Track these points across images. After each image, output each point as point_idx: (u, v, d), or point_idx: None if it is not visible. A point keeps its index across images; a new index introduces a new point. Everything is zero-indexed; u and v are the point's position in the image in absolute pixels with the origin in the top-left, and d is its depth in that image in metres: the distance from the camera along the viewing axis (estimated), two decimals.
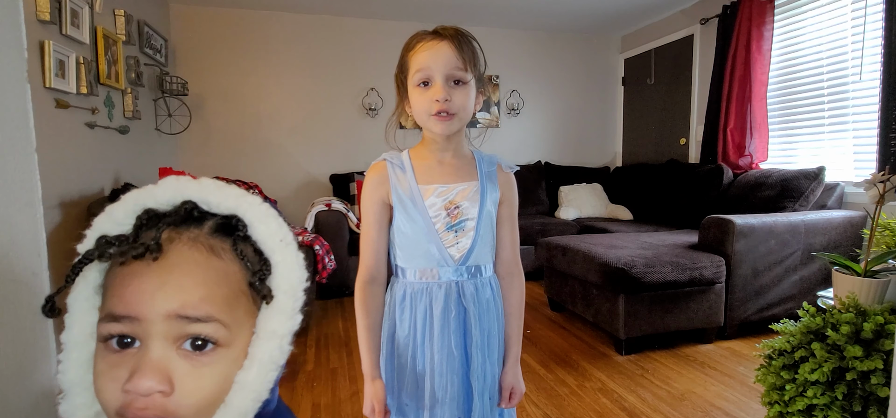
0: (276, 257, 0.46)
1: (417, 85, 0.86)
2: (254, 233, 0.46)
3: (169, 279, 0.41)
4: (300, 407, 1.87)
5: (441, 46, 0.84)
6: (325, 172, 4.10)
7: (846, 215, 2.53)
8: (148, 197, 0.45)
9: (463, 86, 0.86)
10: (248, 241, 0.46)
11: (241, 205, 0.46)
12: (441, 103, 0.84)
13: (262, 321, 0.45)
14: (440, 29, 0.87)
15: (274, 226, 0.46)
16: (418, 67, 0.85)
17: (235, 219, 0.45)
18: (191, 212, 0.45)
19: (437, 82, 0.84)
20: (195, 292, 0.41)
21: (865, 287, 1.35)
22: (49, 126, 2.09)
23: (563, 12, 4.05)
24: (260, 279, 0.44)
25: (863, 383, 1.17)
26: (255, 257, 0.45)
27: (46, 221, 2.00)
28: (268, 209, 0.47)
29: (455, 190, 0.90)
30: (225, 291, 0.43)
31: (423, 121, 0.88)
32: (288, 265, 0.46)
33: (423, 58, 0.85)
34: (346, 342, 2.53)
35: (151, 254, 0.41)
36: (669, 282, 2.21)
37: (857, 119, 2.69)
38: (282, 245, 0.46)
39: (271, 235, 0.46)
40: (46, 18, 2.01)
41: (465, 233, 0.90)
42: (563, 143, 4.75)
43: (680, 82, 4.03)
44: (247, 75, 3.89)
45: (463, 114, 0.87)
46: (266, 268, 0.45)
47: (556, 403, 1.86)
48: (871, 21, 2.54)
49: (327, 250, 2.81)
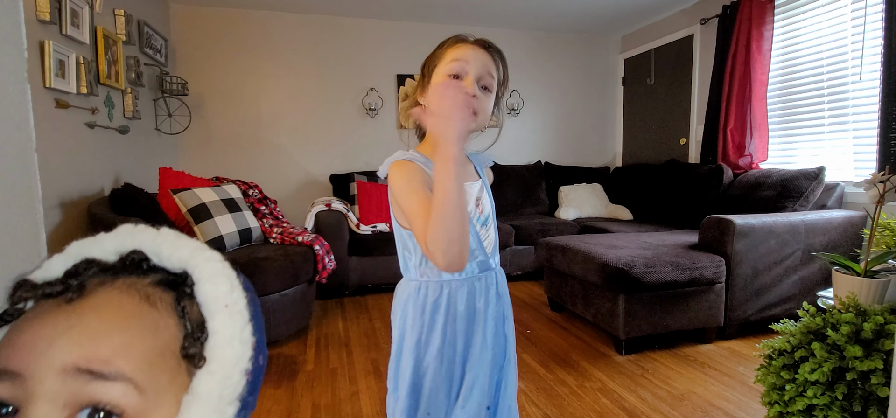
0: (215, 323, 0.38)
1: (447, 74, 0.87)
2: (199, 293, 0.39)
3: (80, 322, 0.33)
4: (300, 407, 1.87)
5: (484, 53, 0.89)
6: (325, 172, 4.10)
7: (846, 215, 2.53)
8: (93, 245, 0.40)
9: (488, 94, 0.89)
10: (193, 300, 0.39)
11: (193, 259, 0.40)
12: (472, 94, 0.85)
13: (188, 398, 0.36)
14: (482, 40, 0.91)
15: (223, 288, 0.39)
16: (456, 57, 0.87)
17: (185, 276, 0.39)
18: (137, 263, 0.39)
19: (470, 77, 0.86)
20: (109, 341, 0.33)
21: (865, 287, 1.35)
22: (49, 126, 2.09)
23: (563, 12, 4.05)
24: (193, 341, 0.37)
25: (863, 383, 1.17)
26: (196, 318, 0.39)
27: (46, 221, 2.00)
28: (223, 269, 0.40)
29: (475, 186, 0.94)
30: (149, 345, 0.35)
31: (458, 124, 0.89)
32: (225, 336, 0.38)
33: (464, 52, 0.87)
34: (346, 342, 2.53)
35: (68, 294, 0.34)
36: (669, 282, 2.21)
37: (857, 119, 2.69)
38: (225, 311, 0.38)
39: (217, 297, 0.39)
40: (46, 18, 2.01)
41: (489, 227, 0.95)
42: (563, 143, 4.75)
43: (680, 82, 4.03)
44: (247, 75, 3.89)
45: (482, 118, 0.89)
46: (203, 334, 0.38)
47: (556, 403, 1.86)
48: (871, 21, 2.54)
49: (327, 250, 2.81)
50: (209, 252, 0.41)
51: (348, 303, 3.24)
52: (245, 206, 2.83)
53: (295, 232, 2.86)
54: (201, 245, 0.41)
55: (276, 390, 2.01)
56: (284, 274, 2.43)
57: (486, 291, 0.92)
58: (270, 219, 3.09)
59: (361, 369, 2.19)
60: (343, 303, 3.22)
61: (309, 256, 2.66)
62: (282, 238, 2.78)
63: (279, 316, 2.42)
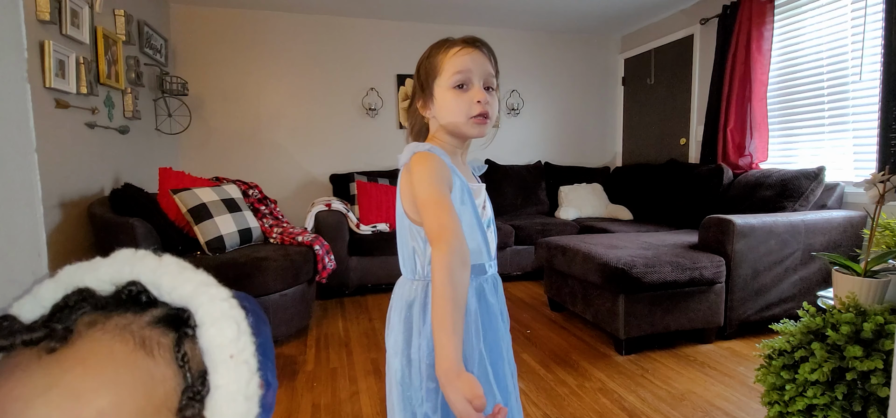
0: (218, 377, 0.33)
1: (453, 87, 0.87)
2: (202, 338, 0.34)
3: (61, 380, 0.28)
4: (300, 407, 1.87)
5: (478, 53, 0.87)
6: (325, 172, 4.10)
7: (846, 215, 2.53)
8: (88, 273, 0.35)
9: (493, 93, 0.89)
10: (195, 343, 0.34)
11: (198, 297, 0.35)
12: (483, 105, 0.86)
13: None
14: (470, 39, 0.89)
15: (229, 334, 0.34)
16: (458, 69, 0.86)
17: (186, 313, 0.35)
18: (135, 297, 0.34)
19: (477, 86, 0.86)
20: (95, 402, 0.28)
21: (865, 287, 1.35)
22: (49, 126, 2.09)
23: (563, 12, 4.05)
24: (192, 398, 0.32)
25: (863, 383, 1.17)
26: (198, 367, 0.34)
27: (46, 221, 2.00)
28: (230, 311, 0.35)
29: (481, 189, 0.96)
30: (142, 404, 0.30)
31: (459, 122, 0.87)
32: (228, 392, 0.33)
33: (463, 61, 0.86)
34: (346, 342, 2.53)
35: (50, 342, 0.29)
36: (669, 282, 2.21)
37: (857, 119, 2.69)
38: (230, 362, 0.34)
39: (222, 346, 0.34)
40: (46, 18, 2.01)
41: (492, 229, 0.96)
42: (563, 143, 4.75)
43: (680, 82, 4.03)
44: (247, 75, 3.89)
45: (494, 118, 0.90)
46: (204, 389, 0.33)
47: (556, 403, 1.86)
48: (871, 21, 2.54)
49: (327, 250, 2.81)
50: (215, 289, 0.36)
51: (348, 303, 3.24)
52: (245, 206, 2.83)
53: (295, 232, 2.86)
54: (206, 279, 0.37)
55: (276, 390, 2.01)
56: (284, 274, 2.43)
57: (494, 291, 0.94)
58: (270, 219, 3.09)
59: (361, 369, 2.19)
60: (343, 303, 3.22)
61: (309, 256, 2.66)
62: (282, 238, 2.78)
63: (279, 317, 2.42)
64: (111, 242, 2.19)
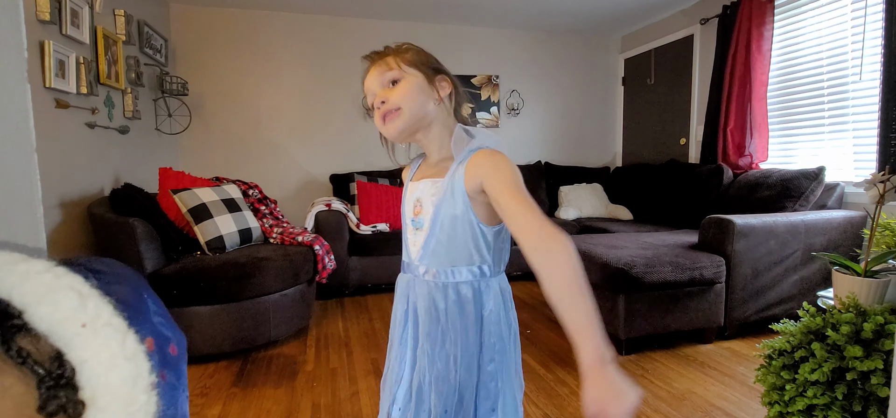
0: (80, 351, 0.29)
1: (369, 109, 0.92)
2: (37, 321, 0.28)
3: None
4: (300, 407, 1.87)
5: (372, 66, 0.89)
6: (325, 172, 4.10)
7: (846, 215, 2.53)
8: None
9: (400, 82, 0.87)
10: (28, 334, 0.28)
11: (9, 280, 0.29)
12: (379, 107, 0.87)
13: None
14: (366, 57, 0.92)
15: (68, 305, 0.29)
16: (364, 93, 0.91)
17: (3, 304, 0.28)
18: None
19: (376, 92, 0.88)
20: None
21: (865, 287, 1.35)
22: (49, 126, 2.09)
23: (563, 12, 4.05)
24: (53, 387, 0.27)
25: (863, 383, 1.17)
26: (48, 353, 0.28)
27: (46, 221, 2.00)
28: (61, 280, 0.30)
29: (422, 186, 0.90)
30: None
31: (385, 133, 0.90)
32: (102, 362, 0.29)
33: (365, 85, 0.91)
34: (346, 342, 2.53)
35: None
36: (669, 282, 2.21)
37: (857, 119, 2.69)
38: (86, 332, 0.29)
39: (64, 319, 0.29)
40: (46, 18, 2.01)
41: (422, 230, 0.88)
42: (563, 143, 4.75)
43: (680, 82, 4.03)
44: (247, 75, 3.89)
45: (409, 102, 0.85)
46: (64, 370, 0.28)
47: (557, 403, 1.86)
48: (871, 21, 2.54)
49: (327, 250, 2.81)
50: (26, 263, 0.30)
51: (348, 303, 3.24)
52: (245, 206, 2.83)
53: (295, 232, 2.86)
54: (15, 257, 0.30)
55: (276, 390, 2.01)
56: (284, 274, 2.43)
57: (403, 294, 0.95)
58: (270, 219, 3.09)
59: (361, 369, 2.19)
60: (343, 303, 3.22)
61: (309, 256, 2.66)
62: (282, 238, 2.78)
63: (279, 316, 2.42)
64: (111, 242, 2.19)
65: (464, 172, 0.82)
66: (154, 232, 2.22)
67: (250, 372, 2.19)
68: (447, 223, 0.84)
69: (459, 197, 0.82)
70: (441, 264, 0.86)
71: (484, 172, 0.80)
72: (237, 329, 2.27)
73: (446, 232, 0.84)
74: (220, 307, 2.22)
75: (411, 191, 0.93)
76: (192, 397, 1.96)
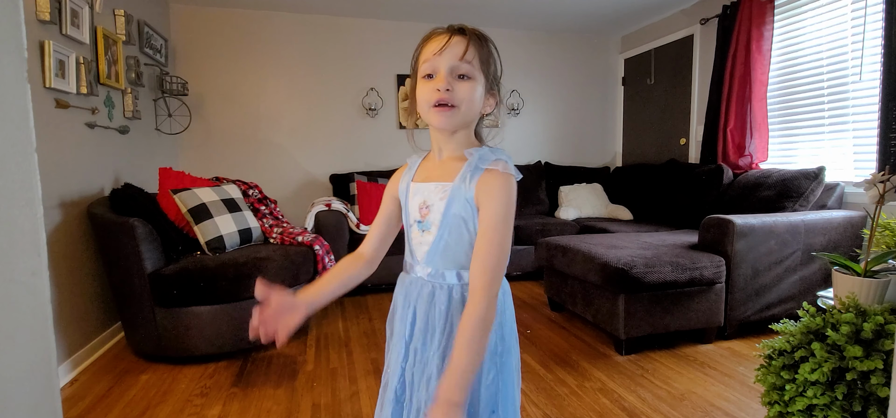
0: None
1: (423, 77, 0.85)
2: None
3: None
4: (300, 407, 1.87)
5: (451, 40, 0.83)
6: (325, 172, 4.10)
7: (846, 215, 2.53)
8: None
9: (469, 81, 0.83)
10: None
11: None
12: (441, 93, 0.81)
13: None
14: (450, 27, 0.85)
15: None
16: (425, 58, 0.84)
17: None
18: None
19: (441, 72, 0.82)
20: None
21: (865, 287, 1.35)
22: (49, 126, 2.09)
23: (563, 12, 4.05)
24: None
25: (863, 383, 1.17)
26: None
27: (46, 221, 2.00)
28: None
29: (431, 187, 0.88)
30: None
31: (425, 113, 0.85)
32: None
33: (431, 48, 0.83)
34: (346, 342, 2.53)
35: None
36: (669, 282, 2.21)
37: (857, 119, 2.69)
38: None
39: None
40: (46, 18, 2.01)
41: (429, 232, 0.87)
42: (563, 143, 4.75)
43: (680, 82, 4.03)
44: (247, 75, 3.89)
45: (466, 108, 0.83)
46: None
47: (556, 403, 1.86)
48: (871, 21, 2.54)
49: (327, 250, 2.81)
50: None
51: (348, 303, 3.24)
52: (245, 206, 2.83)
53: (295, 232, 2.86)
54: None
55: (276, 390, 2.01)
56: (284, 274, 2.43)
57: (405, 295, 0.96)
58: (270, 219, 3.09)
59: (361, 369, 2.19)
60: (343, 303, 3.22)
61: (309, 256, 2.66)
62: (282, 238, 2.78)
63: None
64: (111, 242, 2.19)
65: (476, 183, 0.83)
66: (154, 232, 2.22)
67: (250, 372, 2.19)
68: (455, 226, 0.85)
69: (469, 204, 0.84)
70: (446, 266, 0.87)
71: (488, 191, 0.82)
72: (237, 329, 2.27)
73: (454, 235, 0.85)
74: (220, 307, 2.22)
75: (415, 192, 0.91)
76: (193, 397, 1.96)
